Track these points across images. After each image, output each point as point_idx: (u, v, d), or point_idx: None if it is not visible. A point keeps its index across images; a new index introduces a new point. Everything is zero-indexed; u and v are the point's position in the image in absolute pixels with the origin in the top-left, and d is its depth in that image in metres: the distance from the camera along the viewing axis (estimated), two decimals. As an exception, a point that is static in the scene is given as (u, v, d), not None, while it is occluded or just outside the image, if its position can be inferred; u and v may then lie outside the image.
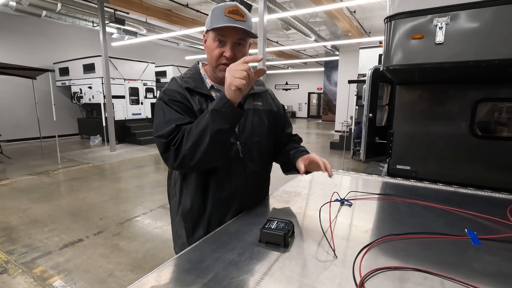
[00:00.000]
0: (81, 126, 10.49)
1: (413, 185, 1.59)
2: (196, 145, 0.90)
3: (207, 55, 1.05)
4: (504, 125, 2.38)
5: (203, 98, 1.05)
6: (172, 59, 13.85)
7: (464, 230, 1.00)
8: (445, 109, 2.37)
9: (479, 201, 1.32)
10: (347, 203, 1.25)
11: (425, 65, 1.66)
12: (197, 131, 0.90)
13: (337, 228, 1.01)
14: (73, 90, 9.77)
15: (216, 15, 0.96)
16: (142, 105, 10.16)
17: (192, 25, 9.46)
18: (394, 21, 1.73)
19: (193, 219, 1.11)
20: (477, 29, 1.50)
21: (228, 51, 0.98)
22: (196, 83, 1.06)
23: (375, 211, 1.21)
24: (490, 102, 2.32)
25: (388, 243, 0.91)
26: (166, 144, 0.94)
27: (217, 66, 1.02)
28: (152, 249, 2.91)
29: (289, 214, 1.15)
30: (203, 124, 0.90)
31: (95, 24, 8.32)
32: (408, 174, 2.44)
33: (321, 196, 1.34)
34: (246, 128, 1.10)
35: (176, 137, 0.94)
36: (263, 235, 0.90)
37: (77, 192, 4.65)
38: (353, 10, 8.63)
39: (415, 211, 1.19)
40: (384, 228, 1.03)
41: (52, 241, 3.06)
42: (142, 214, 3.80)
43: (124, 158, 7.30)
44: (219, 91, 1.09)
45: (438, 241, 0.93)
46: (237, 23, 0.95)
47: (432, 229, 1.01)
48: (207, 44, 1.03)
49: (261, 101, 1.17)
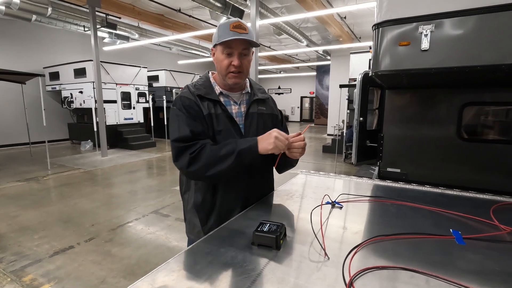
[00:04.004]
0: (71, 131, 10.35)
1: (402, 187, 1.63)
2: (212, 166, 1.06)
3: (217, 66, 1.19)
4: (489, 128, 2.46)
5: (212, 103, 1.17)
6: (165, 64, 13.82)
7: (449, 230, 1.03)
8: (433, 113, 2.43)
9: (464, 202, 1.37)
10: (338, 205, 1.28)
11: (411, 71, 1.71)
12: (221, 154, 1.06)
13: (328, 230, 1.03)
14: (64, 95, 9.64)
15: (223, 31, 1.10)
16: (134, 109, 10.09)
17: (185, 30, 9.49)
18: (382, 28, 1.78)
19: (205, 211, 1.21)
20: (460, 36, 1.56)
21: (236, 60, 1.12)
22: (206, 90, 1.19)
23: (365, 213, 1.24)
24: (476, 106, 2.40)
25: (377, 243, 0.94)
26: (183, 149, 1.08)
27: (226, 74, 1.16)
28: (145, 255, 2.89)
29: (282, 217, 1.17)
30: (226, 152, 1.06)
31: (86, 29, 8.27)
32: (398, 176, 2.49)
33: (313, 199, 1.37)
34: (252, 130, 1.21)
35: (195, 147, 1.07)
36: (255, 238, 0.92)
37: (68, 198, 4.58)
38: (344, 16, 8.79)
39: (403, 212, 1.22)
40: (373, 229, 1.06)
41: (42, 248, 3.00)
42: (135, 219, 3.77)
43: (116, 163, 7.22)
44: (227, 97, 1.23)
45: (424, 241, 0.97)
46: (241, 35, 1.09)
47: (419, 229, 1.04)
48: (216, 56, 1.17)
49: (264, 106, 1.31)
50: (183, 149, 1.08)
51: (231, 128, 1.17)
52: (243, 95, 1.27)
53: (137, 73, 10.09)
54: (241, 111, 1.23)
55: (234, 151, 1.05)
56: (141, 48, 13.00)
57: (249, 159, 1.08)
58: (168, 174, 6.33)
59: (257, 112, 1.25)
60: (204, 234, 1.14)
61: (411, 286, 0.72)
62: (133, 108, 10.06)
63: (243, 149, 1.06)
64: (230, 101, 1.23)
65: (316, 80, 18.00)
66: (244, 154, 1.06)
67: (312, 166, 7.10)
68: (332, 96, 12.62)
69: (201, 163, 1.06)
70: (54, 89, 9.97)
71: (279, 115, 1.38)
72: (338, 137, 7.47)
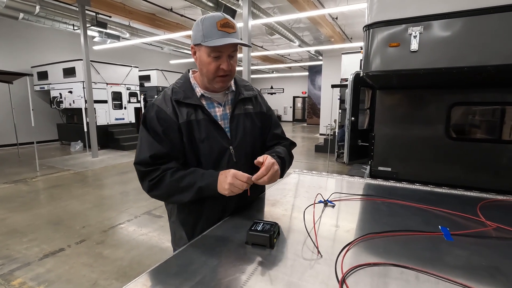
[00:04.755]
0: (61, 131, 10.16)
1: (393, 186, 1.66)
2: (172, 196, 1.03)
3: (201, 68, 1.06)
4: (476, 128, 2.52)
5: (192, 108, 1.07)
6: (156, 63, 13.70)
7: (438, 227, 1.06)
8: (423, 112, 2.48)
9: (452, 200, 1.41)
10: (330, 204, 1.30)
11: (401, 71, 1.74)
12: (181, 186, 1.00)
13: (320, 229, 1.05)
14: (53, 95, 9.46)
15: (208, 29, 0.97)
16: (125, 109, 9.97)
17: (177, 29, 9.42)
18: (372, 30, 1.81)
19: (191, 223, 1.14)
20: (448, 38, 1.59)
21: (225, 65, 1.01)
22: (186, 93, 1.08)
23: (357, 212, 1.26)
24: (463, 106, 2.46)
25: (368, 241, 0.96)
26: (143, 174, 1.03)
27: (214, 78, 1.05)
28: (138, 256, 2.86)
29: (275, 216, 1.18)
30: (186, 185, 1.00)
31: (75, 27, 8.13)
32: (389, 175, 2.53)
33: (306, 198, 1.39)
34: (239, 133, 1.13)
35: (155, 174, 1.01)
36: (249, 237, 0.93)
37: (57, 200, 4.50)
38: (335, 17, 8.87)
39: (394, 210, 1.25)
40: (365, 227, 1.08)
41: (32, 251, 2.95)
42: (127, 221, 3.73)
43: (107, 164, 7.13)
44: (209, 99, 1.12)
45: (414, 238, 0.99)
46: (232, 36, 0.98)
47: (409, 227, 1.07)
48: (200, 58, 1.03)
49: (251, 104, 1.20)
50: (143, 174, 1.02)
51: (216, 134, 1.08)
52: (227, 95, 1.15)
53: (128, 72, 9.98)
54: (226, 112, 1.13)
55: (194, 185, 0.99)
56: (132, 47, 12.85)
57: (210, 194, 1.01)
58: (160, 175, 6.28)
59: (243, 112, 1.15)
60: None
61: (401, 281, 0.74)
62: (124, 108, 9.95)
63: (202, 187, 0.99)
64: (213, 103, 1.12)
65: (308, 80, 18.10)
66: (204, 190, 1.00)
67: (304, 166, 7.14)
68: (324, 96, 12.72)
69: (161, 192, 1.02)
70: (43, 89, 9.77)
71: (268, 111, 1.27)
72: (330, 137, 7.54)
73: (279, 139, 1.28)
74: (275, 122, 1.29)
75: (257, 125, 1.19)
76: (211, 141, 1.07)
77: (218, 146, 1.09)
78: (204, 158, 1.08)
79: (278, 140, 1.27)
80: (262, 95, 1.31)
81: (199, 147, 1.07)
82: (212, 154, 1.08)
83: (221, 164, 1.09)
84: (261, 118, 1.22)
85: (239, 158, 1.12)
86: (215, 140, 1.08)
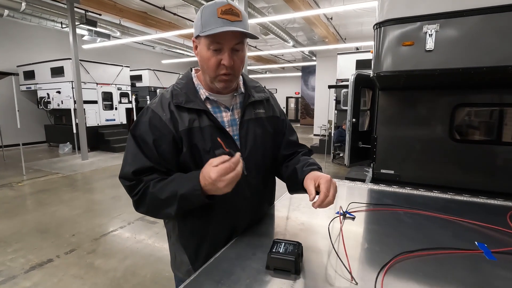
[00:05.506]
0: (48, 133, 9.83)
1: (409, 193, 1.57)
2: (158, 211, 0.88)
3: (201, 64, 0.91)
4: (480, 130, 2.47)
5: (195, 113, 0.91)
6: (148, 63, 13.43)
7: (474, 243, 0.96)
8: (426, 114, 2.42)
9: (477, 209, 1.32)
10: (349, 216, 1.19)
11: (415, 72, 1.66)
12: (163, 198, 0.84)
13: (347, 247, 0.93)
14: (40, 95, 9.13)
15: (208, 18, 0.83)
16: (116, 110, 9.71)
17: (169, 29, 9.22)
18: (384, 28, 1.72)
19: (195, 244, 0.98)
20: (466, 36, 1.51)
21: (226, 59, 0.85)
22: (188, 96, 0.92)
23: (380, 225, 1.15)
24: (467, 107, 2.41)
25: (403, 262, 0.85)
26: (127, 189, 0.90)
27: (215, 77, 0.89)
28: (132, 266, 2.71)
29: (292, 232, 1.06)
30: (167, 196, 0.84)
31: (64, 25, 7.85)
32: (392, 178, 2.46)
33: (321, 209, 1.27)
34: (249, 141, 0.98)
35: (138, 187, 0.87)
36: (271, 261, 0.81)
37: (45, 206, 4.28)
38: (330, 17, 8.83)
39: (418, 222, 1.15)
40: (394, 244, 0.97)
41: (17, 263, 2.75)
42: (120, 228, 3.56)
43: (98, 166, 6.89)
44: (215, 103, 0.97)
45: (451, 257, 0.89)
46: (234, 25, 0.82)
47: (442, 243, 0.97)
48: (200, 52, 0.89)
49: (262, 107, 1.05)
50: (127, 189, 0.89)
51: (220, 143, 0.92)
52: (236, 98, 1.00)
53: (119, 72, 9.72)
54: (235, 118, 0.98)
55: (176, 194, 0.82)
56: (123, 46, 12.56)
57: (201, 202, 0.82)
58: (153, 178, 6.10)
59: (254, 117, 1.00)
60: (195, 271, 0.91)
61: (456, 316, 0.63)
62: (115, 109, 9.69)
63: (185, 194, 0.81)
64: (219, 107, 0.97)
65: (301, 81, 18.08)
66: (189, 197, 0.81)
67: (301, 167, 7.05)
68: (318, 96, 12.70)
69: (146, 207, 0.88)
70: (29, 89, 9.43)
71: (282, 114, 1.12)
72: (326, 138, 7.49)
73: (296, 146, 1.13)
74: (290, 128, 1.15)
75: (269, 131, 1.05)
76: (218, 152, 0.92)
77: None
78: None
79: (295, 148, 1.12)
80: (275, 97, 1.17)
81: (203, 158, 0.90)
82: None
83: None
84: (273, 123, 1.07)
85: (250, 169, 0.98)
86: (222, 151, 0.91)
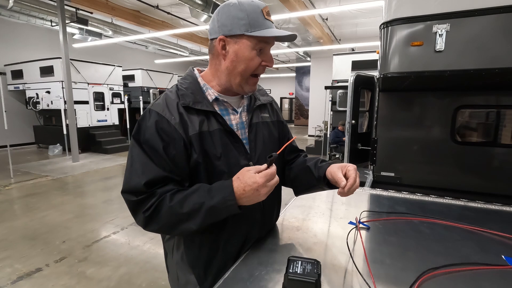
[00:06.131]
0: (38, 134, 9.54)
1: (422, 200, 1.51)
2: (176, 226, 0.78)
3: (235, 65, 0.84)
4: (481, 132, 2.45)
5: (204, 115, 0.84)
6: (141, 63, 13.20)
7: (501, 257, 0.90)
8: (427, 115, 2.39)
9: (495, 217, 1.26)
10: (363, 226, 1.12)
11: (424, 73, 1.60)
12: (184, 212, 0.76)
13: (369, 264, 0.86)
14: (28, 95, 8.85)
15: (255, 18, 0.80)
16: (108, 111, 9.49)
17: (162, 28, 9.07)
18: (391, 27, 1.66)
19: (205, 261, 0.90)
20: (477, 37, 1.46)
21: (271, 60, 0.86)
22: (195, 96, 0.85)
23: (398, 236, 1.07)
24: (469, 109, 2.38)
25: (431, 280, 0.78)
26: (134, 205, 0.78)
27: (248, 78, 0.86)
28: (127, 274, 2.59)
29: (306, 247, 0.98)
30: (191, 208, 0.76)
31: (54, 24, 7.63)
32: (393, 180, 2.43)
33: (333, 218, 1.20)
34: (258, 145, 0.93)
35: (150, 201, 0.77)
36: (289, 284, 0.72)
37: (34, 211, 4.11)
38: (326, 18, 8.81)
39: (437, 233, 1.08)
40: (416, 259, 0.90)
41: (3, 273, 2.60)
42: (113, 233, 3.43)
43: (89, 169, 6.70)
44: (222, 104, 0.91)
45: (480, 273, 0.82)
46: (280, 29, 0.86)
47: (467, 257, 0.90)
48: (238, 51, 0.82)
49: (267, 112, 1.03)
50: (134, 205, 0.78)
51: (232, 148, 0.87)
52: (243, 100, 0.97)
53: (111, 72, 9.50)
54: (243, 121, 0.94)
55: (202, 206, 0.76)
56: (115, 46, 12.32)
57: (226, 215, 0.79)
58: (147, 180, 5.95)
59: (261, 121, 0.97)
60: None
61: None
62: (107, 109, 9.47)
63: (215, 206, 0.75)
64: (227, 109, 0.92)
65: (295, 81, 18.07)
66: (219, 210, 0.76)
67: (297, 169, 6.99)
68: (313, 97, 12.68)
69: (160, 224, 0.78)
70: (17, 89, 9.14)
71: (284, 121, 1.11)
72: (321, 138, 7.45)
73: (297, 151, 1.14)
74: (289, 132, 1.14)
75: (275, 135, 1.03)
76: (230, 158, 0.86)
77: (237, 163, 0.87)
78: (219, 178, 0.84)
79: (296, 153, 1.13)
80: (277, 104, 1.13)
81: (214, 165, 0.84)
82: (230, 174, 0.82)
83: None
84: (278, 127, 1.06)
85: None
86: (233, 156, 0.86)
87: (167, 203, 0.76)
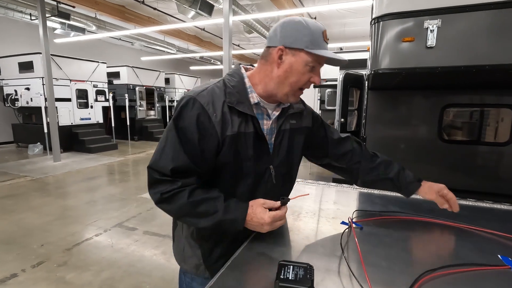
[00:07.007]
0: (16, 132, 9.14)
1: (412, 198, 1.48)
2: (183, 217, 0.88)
3: (286, 75, 0.87)
4: (467, 130, 2.48)
5: (243, 117, 0.88)
6: (126, 60, 12.86)
7: (498, 257, 0.87)
8: (415, 114, 2.40)
9: (488, 216, 1.24)
10: (357, 226, 1.07)
11: (416, 69, 1.58)
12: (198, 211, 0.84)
13: (362, 266, 0.81)
14: (6, 92, 8.45)
15: (317, 37, 0.84)
16: (92, 108, 9.18)
17: (149, 24, 8.85)
18: (383, 22, 1.62)
19: (213, 241, 0.97)
20: (469, 33, 1.45)
21: (317, 78, 0.88)
22: (240, 97, 0.88)
23: (392, 236, 1.03)
24: (456, 108, 2.41)
25: (429, 283, 0.74)
26: (155, 182, 0.85)
27: (296, 91, 0.90)
28: (109, 279, 2.47)
29: (297, 249, 0.93)
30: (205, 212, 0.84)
31: (33, 17, 7.31)
32: (381, 179, 2.41)
33: (325, 218, 1.15)
34: (282, 151, 0.98)
35: (171, 186, 0.83)
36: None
37: (11, 213, 3.90)
38: (314, 17, 8.82)
39: (432, 232, 1.05)
40: (415, 261, 0.86)
41: (-25, 279, 2.45)
42: (95, 235, 3.28)
43: (71, 169, 6.46)
44: (260, 110, 0.93)
45: (478, 274, 0.79)
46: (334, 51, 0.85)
47: (463, 257, 0.87)
48: (293, 64, 0.85)
49: (296, 119, 1.04)
50: (155, 181, 0.85)
51: (260, 151, 0.92)
52: (279, 107, 0.98)
53: (95, 68, 9.20)
54: (272, 127, 0.96)
55: (215, 214, 0.84)
56: (99, 42, 11.96)
57: (230, 231, 0.89)
58: (132, 180, 5.78)
59: (289, 128, 1.00)
60: (206, 268, 0.97)
61: None
62: (91, 107, 9.16)
63: (225, 221, 0.84)
64: (263, 113, 0.94)
65: (284, 80, 18.13)
66: (225, 225, 0.85)
67: (286, 167, 6.97)
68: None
69: (171, 207, 0.86)
70: (-5, 85, 8.73)
71: (317, 119, 1.13)
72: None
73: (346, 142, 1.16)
74: (330, 126, 1.17)
75: (300, 142, 1.05)
76: (258, 160, 0.92)
77: (262, 165, 0.93)
78: (243, 178, 0.91)
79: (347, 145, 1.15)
80: (309, 107, 1.13)
81: (242, 165, 0.90)
82: (256, 175, 0.93)
83: (259, 187, 0.94)
84: (305, 133, 1.07)
85: (278, 179, 0.98)
86: (260, 159, 0.92)
87: (186, 197, 0.83)
